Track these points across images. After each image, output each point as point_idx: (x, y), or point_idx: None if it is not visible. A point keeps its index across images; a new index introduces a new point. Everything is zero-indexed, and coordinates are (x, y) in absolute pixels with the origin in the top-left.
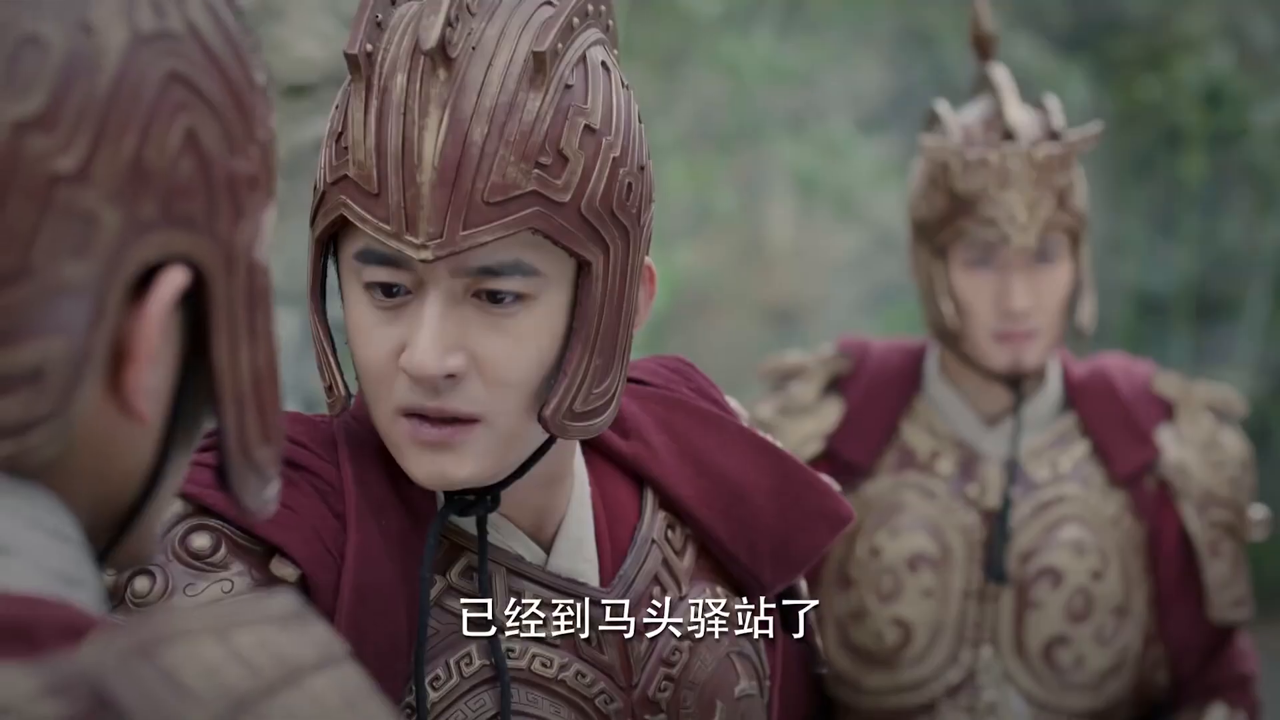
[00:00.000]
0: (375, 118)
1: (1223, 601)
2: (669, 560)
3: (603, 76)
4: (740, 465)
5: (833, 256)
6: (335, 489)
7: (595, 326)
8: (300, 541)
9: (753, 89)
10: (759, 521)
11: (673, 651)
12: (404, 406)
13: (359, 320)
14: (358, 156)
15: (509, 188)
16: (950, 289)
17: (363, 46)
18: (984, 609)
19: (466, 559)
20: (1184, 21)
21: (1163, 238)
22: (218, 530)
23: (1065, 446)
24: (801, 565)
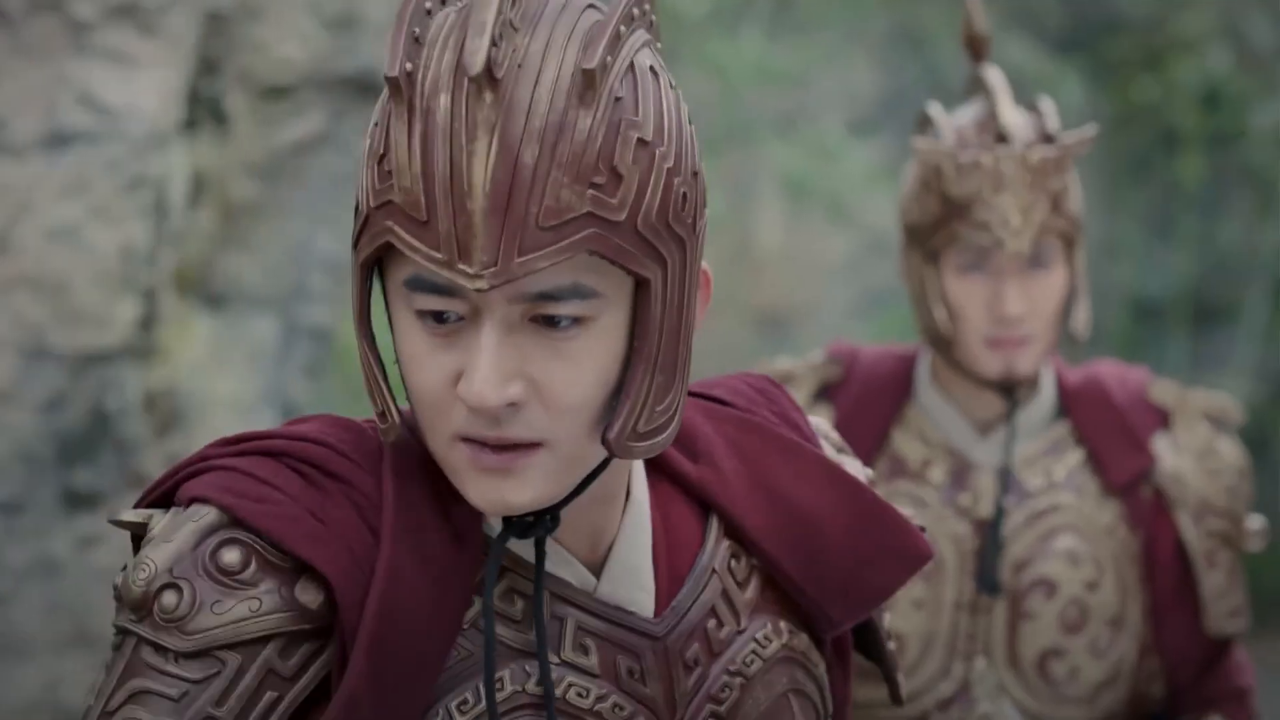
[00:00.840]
0: (420, 142)
1: (1219, 613)
2: (729, 591)
3: (652, 83)
4: (814, 496)
5: (823, 261)
6: (373, 503)
7: (656, 344)
8: (330, 556)
9: (742, 90)
10: (830, 556)
11: (722, 688)
12: (462, 433)
13: (412, 348)
14: (403, 183)
15: (563, 210)
16: (943, 294)
17: (403, 67)
18: (977, 620)
19: (509, 580)
20: (1181, 22)
21: (1159, 241)
22: (249, 545)
23: (1059, 455)
24: (874, 603)
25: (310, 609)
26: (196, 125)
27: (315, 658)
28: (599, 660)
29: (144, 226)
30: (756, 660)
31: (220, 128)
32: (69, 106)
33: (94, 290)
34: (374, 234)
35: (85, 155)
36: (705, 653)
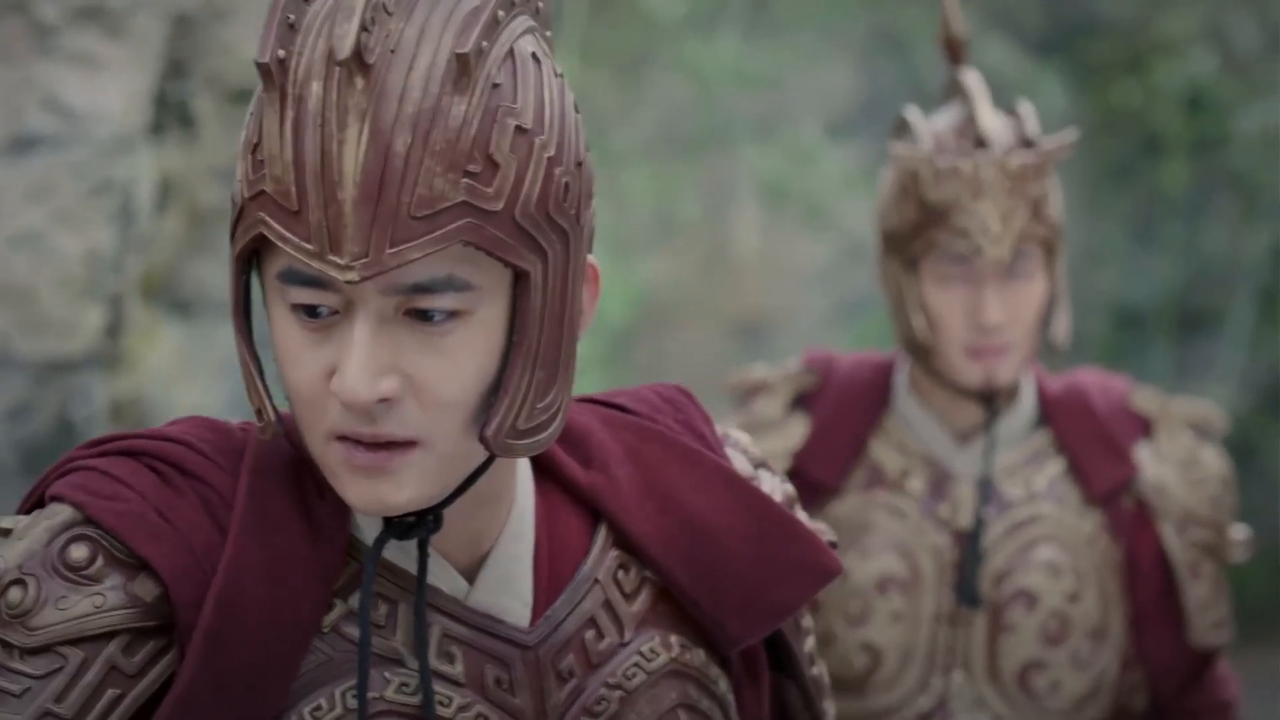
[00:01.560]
0: (292, 129)
1: (1203, 624)
2: (613, 602)
3: (533, 70)
4: (714, 507)
5: (801, 267)
6: (227, 501)
7: (536, 338)
8: (167, 553)
9: (718, 93)
10: (729, 568)
11: (599, 700)
12: (337, 431)
13: (287, 343)
14: (275, 171)
15: (436, 200)
16: (921, 302)
17: (274, 53)
18: (956, 633)
19: (375, 584)
20: (1164, 24)
21: (1142, 248)
22: (97, 541)
23: (1039, 464)
24: (778, 618)
25: (148, 602)
26: (163, 129)
27: (161, 656)
28: (465, 669)
29: (110, 232)
30: (640, 674)
31: (187, 132)
32: (33, 110)
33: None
34: (247, 225)
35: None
36: (582, 664)
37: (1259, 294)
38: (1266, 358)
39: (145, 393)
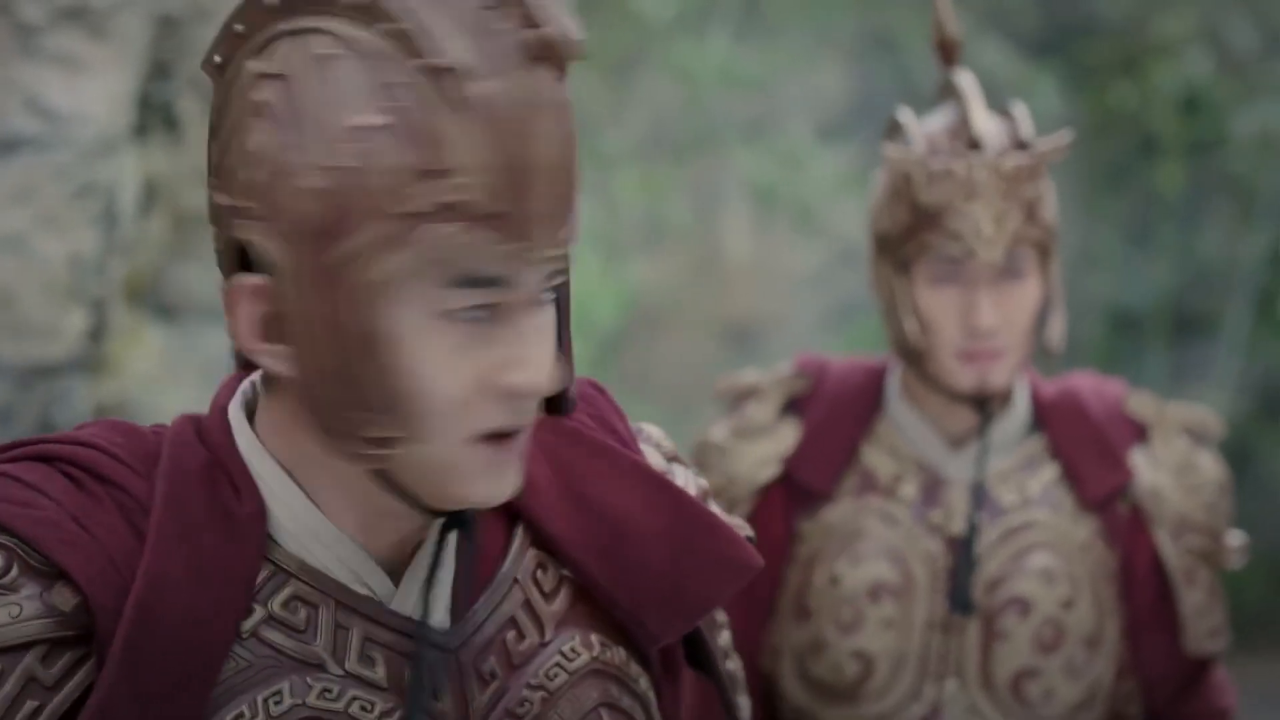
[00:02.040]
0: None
1: (1198, 632)
2: (532, 602)
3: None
4: (628, 503)
5: (792, 271)
6: (143, 507)
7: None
8: (84, 561)
9: (708, 95)
10: (647, 565)
11: (521, 702)
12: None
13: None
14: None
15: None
16: (913, 305)
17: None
18: (949, 640)
19: (292, 587)
20: (1160, 25)
21: (1138, 251)
22: (12, 550)
23: (1034, 470)
24: (697, 614)
25: (65, 612)
26: (147, 131)
27: (79, 666)
28: (386, 673)
29: (93, 235)
30: (561, 674)
31: (172, 134)
32: (16, 112)
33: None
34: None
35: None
36: (504, 665)
37: (1255, 298)
38: (1263, 362)
39: (129, 398)
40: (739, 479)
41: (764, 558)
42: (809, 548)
